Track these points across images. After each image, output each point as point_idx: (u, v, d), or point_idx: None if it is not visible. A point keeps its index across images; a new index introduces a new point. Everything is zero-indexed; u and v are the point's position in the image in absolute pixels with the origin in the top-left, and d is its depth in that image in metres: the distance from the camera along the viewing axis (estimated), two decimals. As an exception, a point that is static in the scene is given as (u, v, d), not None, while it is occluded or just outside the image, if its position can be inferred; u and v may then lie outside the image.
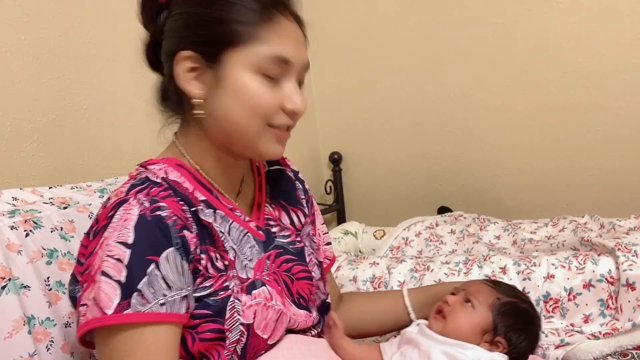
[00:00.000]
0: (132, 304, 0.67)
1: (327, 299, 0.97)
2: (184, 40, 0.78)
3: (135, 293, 0.68)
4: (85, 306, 0.70)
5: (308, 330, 0.90)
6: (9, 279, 0.86)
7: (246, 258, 0.83)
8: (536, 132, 1.92)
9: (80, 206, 1.04)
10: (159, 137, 0.87)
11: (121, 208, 0.72)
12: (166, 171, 0.81)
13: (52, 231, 0.96)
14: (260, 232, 0.87)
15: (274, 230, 0.90)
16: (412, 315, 1.05)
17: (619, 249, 1.22)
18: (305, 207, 1.00)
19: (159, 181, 0.78)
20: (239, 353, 0.77)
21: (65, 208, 1.02)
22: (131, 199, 0.73)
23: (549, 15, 1.82)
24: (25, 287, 0.88)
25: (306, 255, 0.94)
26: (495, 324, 0.94)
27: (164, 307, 0.69)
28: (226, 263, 0.79)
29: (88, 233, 0.77)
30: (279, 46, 0.77)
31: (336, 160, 2.31)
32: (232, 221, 0.83)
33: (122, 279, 0.68)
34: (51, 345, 0.89)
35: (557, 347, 1.16)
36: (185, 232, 0.74)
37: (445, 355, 0.89)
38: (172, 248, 0.71)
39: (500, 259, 1.34)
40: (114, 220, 0.72)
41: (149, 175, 0.79)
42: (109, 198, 0.77)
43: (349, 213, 2.34)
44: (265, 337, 0.80)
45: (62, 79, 1.36)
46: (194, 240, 0.75)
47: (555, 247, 1.45)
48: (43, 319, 0.89)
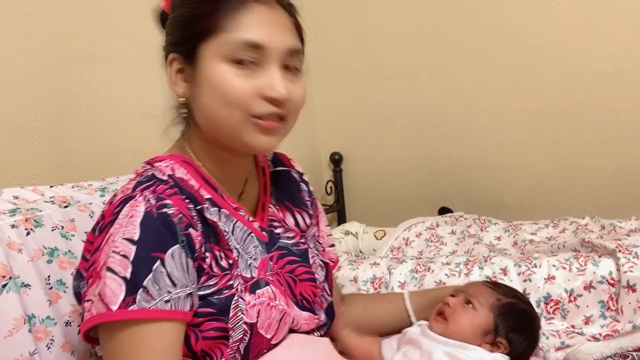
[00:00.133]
0: (137, 300, 0.68)
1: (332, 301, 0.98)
2: (170, 43, 0.81)
3: (140, 289, 0.68)
4: (90, 302, 0.70)
5: (312, 332, 0.90)
6: (10, 278, 0.86)
7: (251, 257, 0.83)
8: (536, 133, 1.92)
9: (81, 205, 1.04)
10: (163, 136, 0.88)
11: (127, 205, 0.72)
12: (173, 168, 0.81)
13: (53, 230, 0.96)
14: (263, 233, 0.87)
15: (278, 231, 0.90)
16: (413, 318, 1.06)
17: (620, 251, 1.22)
18: (309, 209, 1.00)
19: (165, 178, 0.78)
20: (242, 352, 0.77)
21: (66, 207, 1.01)
22: (137, 196, 0.73)
23: (549, 15, 1.82)
24: (25, 286, 0.88)
25: (310, 256, 0.94)
26: (496, 325, 0.94)
27: (169, 304, 0.69)
28: (230, 262, 0.79)
29: (94, 229, 0.77)
30: (248, 32, 0.75)
31: (337, 160, 2.31)
32: (237, 220, 0.83)
33: (128, 275, 0.68)
34: (51, 344, 0.89)
35: (558, 350, 1.16)
36: (190, 230, 0.74)
37: (447, 355, 0.89)
38: (178, 245, 0.72)
39: (501, 260, 1.34)
40: (120, 216, 0.72)
41: (155, 172, 0.80)
42: (115, 195, 0.78)
43: (350, 213, 2.34)
44: (268, 337, 0.80)
45: (63, 78, 1.36)
46: (199, 238, 0.75)
47: (556, 249, 1.45)
48: (43, 318, 0.89)
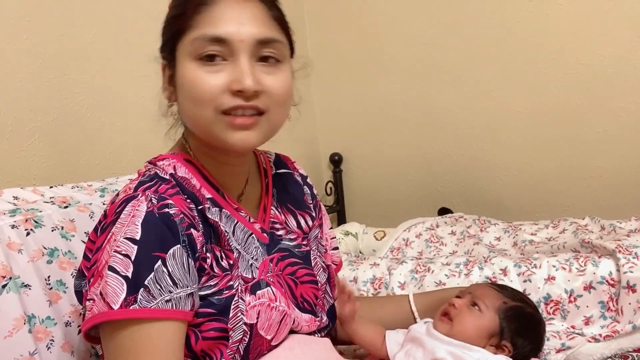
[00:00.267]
0: (139, 300, 0.68)
1: (334, 303, 0.98)
2: (159, 49, 0.82)
3: (141, 289, 0.68)
4: (91, 301, 0.70)
5: (313, 334, 0.90)
6: (10, 278, 0.86)
7: (252, 257, 0.83)
8: (536, 133, 1.92)
9: (81, 205, 1.04)
10: (163, 137, 0.88)
11: (129, 204, 0.73)
12: (175, 167, 0.81)
13: (53, 230, 0.96)
14: (264, 235, 0.87)
15: (280, 233, 0.90)
16: (418, 320, 1.05)
17: (620, 251, 1.22)
18: (312, 211, 1.00)
19: (167, 178, 0.79)
20: (242, 352, 0.77)
21: (66, 207, 1.01)
22: (139, 196, 0.73)
23: (549, 15, 1.83)
24: (25, 286, 0.88)
25: (312, 259, 0.94)
26: (501, 328, 0.94)
27: (170, 304, 0.69)
28: (231, 262, 0.79)
29: (96, 228, 0.78)
30: (212, 27, 0.75)
31: (336, 161, 2.31)
32: (237, 221, 0.83)
33: (129, 275, 0.68)
34: (51, 344, 0.89)
35: (558, 351, 1.16)
36: (192, 231, 0.74)
37: (450, 355, 0.89)
38: (179, 245, 0.72)
39: (500, 261, 1.34)
40: (122, 216, 0.72)
41: (158, 171, 0.80)
42: (118, 194, 0.78)
43: (350, 214, 2.34)
44: (268, 338, 0.80)
45: (64, 79, 1.36)
46: (200, 238, 0.75)
47: (555, 249, 1.45)
48: (43, 318, 0.89)
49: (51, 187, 1.07)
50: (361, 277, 1.43)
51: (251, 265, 0.82)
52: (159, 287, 0.69)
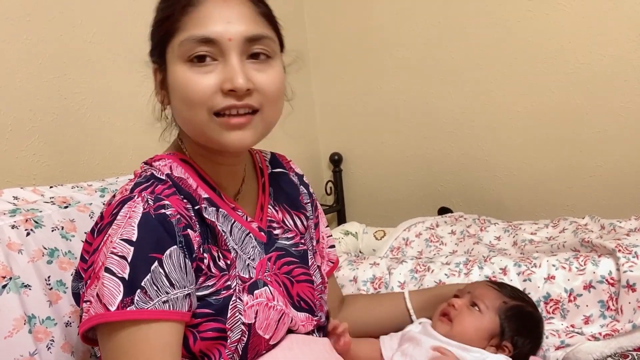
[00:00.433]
0: (135, 301, 0.68)
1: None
2: (149, 53, 0.82)
3: (138, 290, 0.68)
4: (88, 302, 0.70)
5: (312, 333, 0.90)
6: (10, 278, 0.86)
7: (249, 257, 0.83)
8: (536, 133, 1.92)
9: (81, 205, 1.04)
10: (161, 139, 0.88)
11: (125, 206, 0.73)
12: (171, 167, 0.81)
13: (53, 230, 0.96)
14: (262, 234, 0.87)
15: (276, 232, 0.90)
16: (414, 317, 1.06)
17: (620, 250, 1.22)
18: (308, 211, 1.00)
19: (164, 178, 0.79)
20: (240, 352, 0.77)
21: (66, 207, 1.02)
22: (136, 197, 0.73)
23: (549, 15, 1.82)
24: (25, 286, 0.88)
25: (309, 258, 0.94)
26: (502, 329, 0.94)
27: (167, 305, 0.69)
28: (228, 262, 0.79)
29: (92, 230, 0.77)
30: (199, 28, 0.74)
31: (336, 160, 2.31)
32: (235, 221, 0.83)
33: (126, 276, 0.68)
34: (52, 344, 0.89)
35: (558, 349, 1.16)
36: (188, 231, 0.74)
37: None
38: (176, 246, 0.72)
39: (500, 260, 1.34)
40: (119, 217, 0.72)
41: (154, 172, 0.80)
42: (114, 196, 0.78)
43: (349, 213, 2.34)
44: (266, 337, 0.80)
45: (64, 79, 1.36)
46: (197, 239, 0.75)
47: (555, 248, 1.45)
48: (44, 318, 0.89)
49: (51, 187, 1.07)
50: (361, 277, 1.43)
51: (248, 265, 0.82)
52: (156, 288, 0.69)
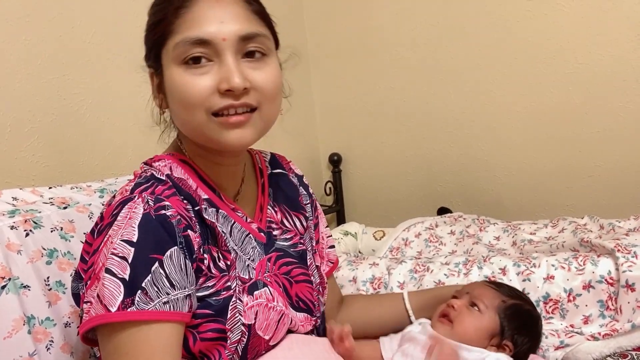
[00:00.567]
0: (136, 302, 0.68)
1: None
2: (144, 58, 0.83)
3: (139, 291, 0.68)
4: (89, 303, 0.70)
5: (311, 333, 0.90)
6: (9, 279, 0.86)
7: (249, 258, 0.83)
8: (536, 133, 1.92)
9: (80, 206, 1.04)
10: (160, 141, 0.88)
11: (126, 206, 0.73)
12: (171, 167, 0.81)
13: (52, 231, 0.96)
14: (261, 234, 0.87)
15: (276, 233, 0.90)
16: (413, 317, 1.06)
17: (619, 250, 1.22)
18: (307, 212, 1.00)
19: (164, 179, 0.79)
20: (240, 353, 0.77)
21: (65, 208, 1.01)
22: (136, 198, 0.73)
23: (549, 16, 1.82)
24: (25, 287, 0.88)
25: (308, 258, 0.94)
26: (502, 328, 0.94)
27: (167, 306, 0.69)
28: (228, 263, 0.79)
29: (93, 231, 0.78)
30: (193, 29, 0.74)
31: (336, 161, 2.31)
32: (234, 221, 0.83)
33: (126, 277, 0.68)
34: (51, 345, 0.89)
35: (557, 349, 1.16)
36: (189, 232, 0.74)
37: None
38: (176, 247, 0.72)
39: (500, 260, 1.34)
40: (119, 218, 0.72)
41: (154, 172, 0.80)
42: (114, 196, 0.78)
43: (349, 214, 2.34)
44: (266, 338, 0.80)
45: (63, 79, 1.36)
46: (197, 240, 0.75)
47: (555, 248, 1.45)
48: (43, 319, 0.89)
49: (50, 188, 1.07)
50: (360, 277, 1.43)
51: (248, 265, 0.82)
52: (157, 289, 0.69)
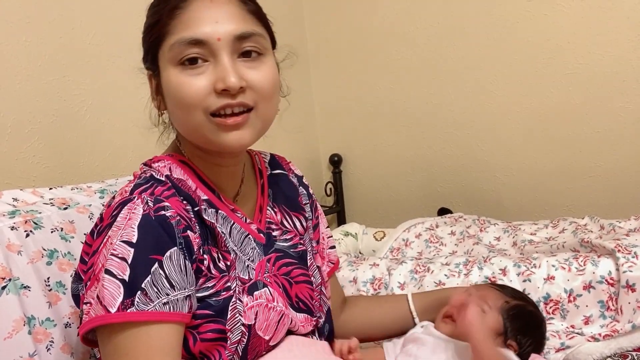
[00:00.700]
0: (136, 303, 0.68)
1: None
2: (142, 60, 0.83)
3: (138, 292, 0.68)
4: (88, 304, 0.70)
5: (310, 334, 0.90)
6: (9, 279, 0.86)
7: (248, 259, 0.83)
8: (536, 133, 1.92)
9: (80, 207, 1.04)
10: (159, 142, 0.88)
11: (125, 207, 0.73)
12: (170, 168, 0.81)
13: (53, 232, 0.96)
14: (261, 235, 0.87)
15: (275, 233, 0.90)
16: (417, 319, 1.05)
17: (619, 251, 1.22)
18: (307, 212, 1.00)
19: (163, 179, 0.79)
20: (240, 353, 0.77)
21: (65, 209, 1.02)
22: (135, 198, 0.73)
23: (549, 16, 1.83)
24: (25, 288, 0.88)
25: (308, 259, 0.94)
26: (505, 328, 0.94)
27: (167, 307, 0.69)
28: (228, 264, 0.79)
29: (92, 232, 0.78)
30: (187, 30, 0.74)
31: (336, 162, 2.31)
32: (234, 222, 0.83)
33: (126, 278, 0.68)
34: (51, 345, 0.89)
35: (558, 351, 1.16)
36: (188, 233, 0.74)
37: (455, 353, 0.89)
38: (176, 247, 0.72)
39: (500, 261, 1.34)
40: (118, 219, 0.72)
41: (154, 173, 0.80)
42: (114, 197, 0.78)
43: (349, 214, 2.34)
44: (266, 338, 0.80)
45: (63, 80, 1.36)
46: (197, 240, 0.75)
47: (555, 249, 1.45)
48: (43, 320, 0.89)
49: (50, 189, 1.07)
50: (361, 278, 1.43)
51: (247, 266, 0.82)
52: (156, 290, 0.69)
